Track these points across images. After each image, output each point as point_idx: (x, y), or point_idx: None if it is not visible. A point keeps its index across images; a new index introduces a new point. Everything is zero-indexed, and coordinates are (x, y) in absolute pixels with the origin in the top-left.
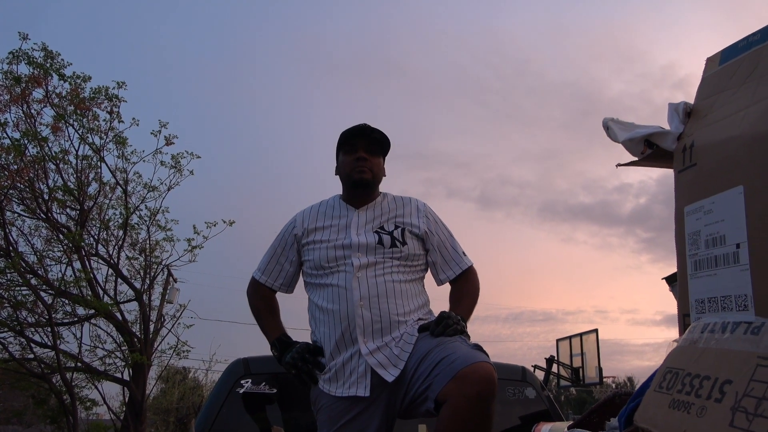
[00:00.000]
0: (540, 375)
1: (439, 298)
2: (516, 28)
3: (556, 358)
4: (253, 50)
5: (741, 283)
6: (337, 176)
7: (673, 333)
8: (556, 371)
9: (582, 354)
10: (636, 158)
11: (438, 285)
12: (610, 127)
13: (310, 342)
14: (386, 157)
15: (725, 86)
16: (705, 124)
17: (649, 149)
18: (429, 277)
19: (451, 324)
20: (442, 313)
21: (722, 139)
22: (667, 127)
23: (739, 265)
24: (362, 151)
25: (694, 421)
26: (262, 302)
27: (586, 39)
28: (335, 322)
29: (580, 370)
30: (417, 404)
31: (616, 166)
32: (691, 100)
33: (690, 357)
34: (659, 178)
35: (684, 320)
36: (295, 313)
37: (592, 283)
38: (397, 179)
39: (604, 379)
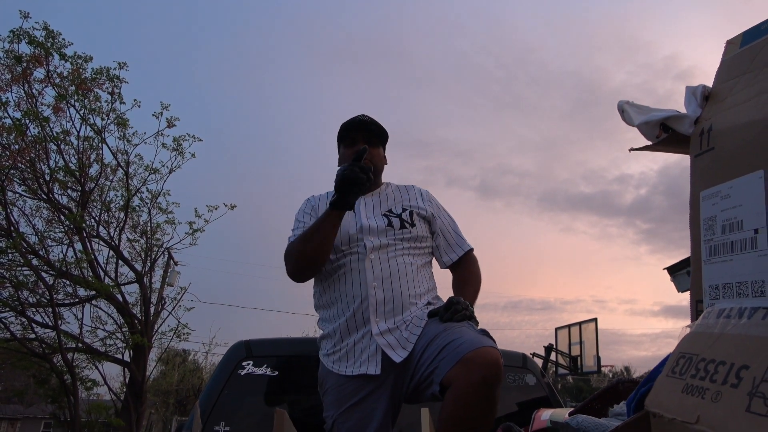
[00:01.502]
0: (538, 363)
1: (442, 285)
2: (518, 17)
3: (554, 347)
4: (256, 35)
5: (758, 269)
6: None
7: (671, 324)
8: (554, 359)
9: (580, 343)
10: (650, 142)
11: (441, 267)
12: (625, 110)
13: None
14: (386, 147)
15: (746, 69)
16: (724, 107)
17: (664, 133)
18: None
19: (460, 309)
20: (451, 299)
21: (743, 122)
22: (683, 110)
23: (756, 251)
24: (362, 143)
25: (709, 406)
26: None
27: (589, 28)
28: (347, 302)
29: (579, 358)
30: (423, 388)
31: (630, 150)
32: None
33: (705, 342)
34: (660, 169)
35: (697, 306)
36: (302, 297)
37: (590, 273)
38: (397, 167)
39: (602, 368)
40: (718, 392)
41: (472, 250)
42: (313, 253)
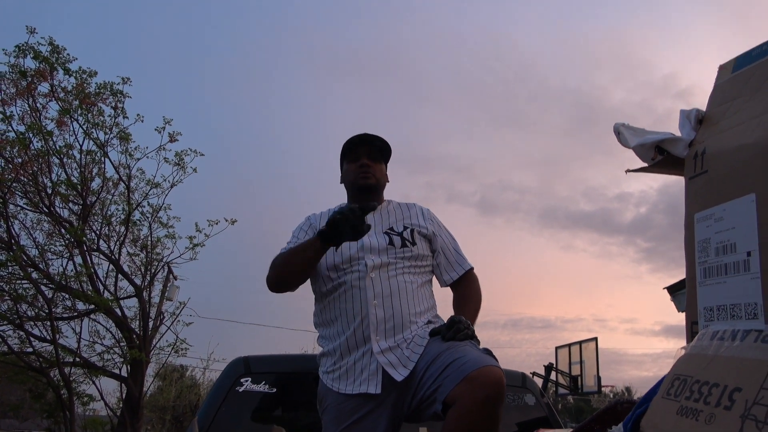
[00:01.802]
0: (538, 382)
1: (442, 303)
2: (518, 34)
3: (554, 366)
4: (256, 49)
5: (751, 291)
6: (342, 185)
7: (672, 343)
8: (554, 379)
9: (581, 362)
10: (646, 164)
11: (442, 286)
12: (621, 132)
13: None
14: (388, 163)
15: (738, 94)
16: (717, 131)
17: (659, 155)
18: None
19: (462, 329)
20: (453, 318)
21: (735, 146)
22: (678, 133)
23: (749, 273)
24: (365, 158)
25: (703, 428)
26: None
27: (589, 46)
28: (348, 320)
29: (579, 378)
30: (424, 407)
31: (626, 171)
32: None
33: (699, 364)
34: (660, 187)
35: (692, 328)
36: (301, 314)
37: (591, 292)
38: (398, 183)
39: (602, 389)
40: (711, 414)
41: (472, 269)
42: (290, 274)
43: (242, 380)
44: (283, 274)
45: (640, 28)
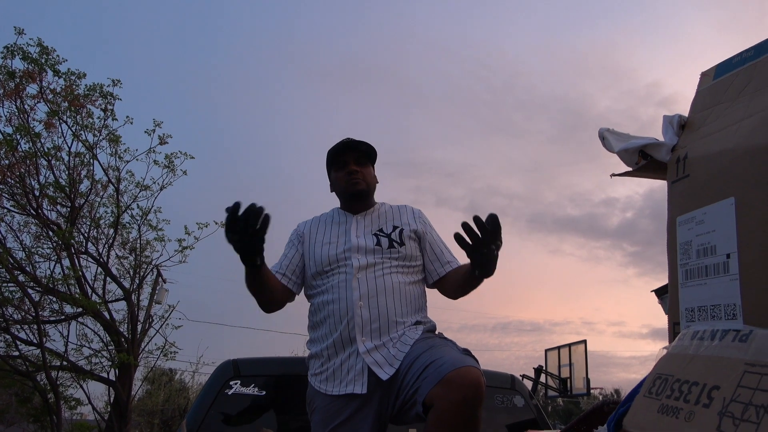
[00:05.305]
0: (528, 384)
1: (434, 304)
2: (505, 43)
3: (544, 368)
4: (249, 53)
5: (730, 292)
6: (333, 193)
7: (659, 346)
8: (543, 381)
9: (570, 365)
10: (630, 168)
11: (429, 283)
12: (605, 138)
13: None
14: (375, 165)
15: (719, 100)
16: (699, 136)
17: (643, 160)
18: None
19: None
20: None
21: (715, 151)
22: (661, 138)
23: (728, 275)
24: (352, 165)
25: (682, 425)
26: None
27: (575, 56)
28: (334, 321)
29: (568, 380)
30: (407, 408)
31: (611, 176)
32: None
33: (679, 363)
34: (646, 192)
35: (674, 328)
36: (290, 317)
37: (579, 295)
38: (386, 186)
39: (591, 391)
40: (691, 412)
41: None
42: (259, 301)
43: (231, 383)
44: (258, 301)
45: (625, 39)
